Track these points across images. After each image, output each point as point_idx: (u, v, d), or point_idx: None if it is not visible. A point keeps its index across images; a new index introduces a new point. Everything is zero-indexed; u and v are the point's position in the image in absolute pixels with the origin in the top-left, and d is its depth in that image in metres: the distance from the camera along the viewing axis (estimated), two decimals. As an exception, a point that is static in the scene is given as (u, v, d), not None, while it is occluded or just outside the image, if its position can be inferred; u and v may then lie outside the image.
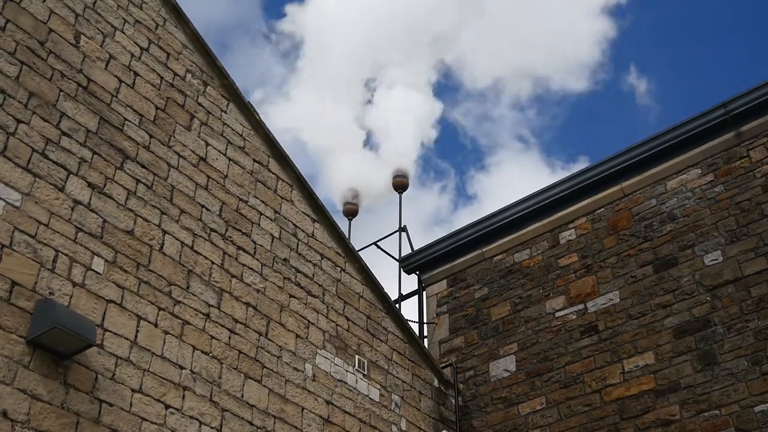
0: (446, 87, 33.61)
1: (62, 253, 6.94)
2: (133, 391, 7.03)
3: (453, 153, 36.80)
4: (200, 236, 8.42)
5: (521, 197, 12.18)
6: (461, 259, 12.54)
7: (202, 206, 8.60)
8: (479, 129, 34.60)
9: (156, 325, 7.51)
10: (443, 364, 11.64)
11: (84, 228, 7.23)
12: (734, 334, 9.35)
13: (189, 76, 9.13)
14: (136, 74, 8.46)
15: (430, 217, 33.99)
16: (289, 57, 34.52)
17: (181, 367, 7.58)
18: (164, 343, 7.52)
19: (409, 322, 11.20)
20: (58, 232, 6.99)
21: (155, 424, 7.10)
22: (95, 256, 7.21)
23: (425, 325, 12.60)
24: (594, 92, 32.58)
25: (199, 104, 9.13)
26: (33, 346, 6.37)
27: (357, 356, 9.82)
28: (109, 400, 6.79)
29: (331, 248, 10.23)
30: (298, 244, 9.69)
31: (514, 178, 33.59)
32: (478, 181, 34.84)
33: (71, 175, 7.32)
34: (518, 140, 34.99)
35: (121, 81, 8.25)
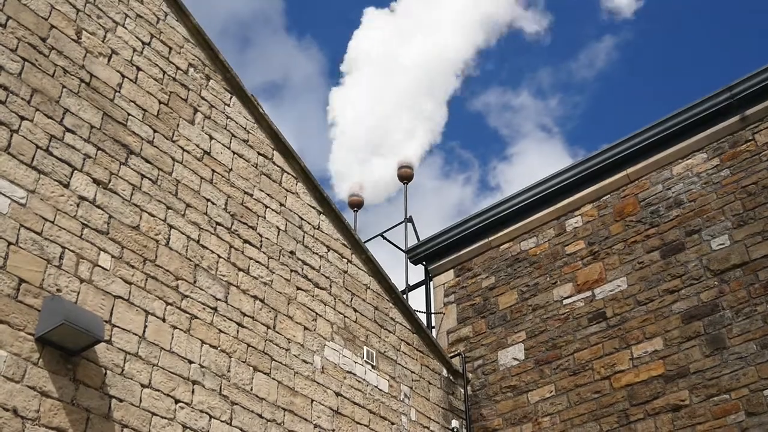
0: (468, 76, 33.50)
1: (69, 249, 6.94)
2: (142, 386, 7.03)
3: (476, 144, 36.67)
4: (206, 230, 8.41)
5: (527, 185, 12.17)
6: (468, 249, 12.53)
7: (208, 200, 8.59)
8: (501, 119, 34.46)
9: (164, 320, 7.51)
10: (452, 354, 11.64)
11: (90, 224, 7.22)
12: (743, 319, 9.33)
13: (191, 70, 9.11)
14: (138, 69, 8.44)
15: (453, 209, 33.94)
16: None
17: (190, 362, 7.58)
18: (172, 337, 7.52)
19: (417, 313, 11.20)
20: (64, 229, 6.99)
21: (165, 418, 7.11)
22: (102, 252, 7.21)
23: (433, 315, 12.60)
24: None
25: (202, 98, 9.12)
26: (42, 343, 6.37)
27: (365, 347, 9.82)
28: (119, 396, 6.80)
29: (338, 240, 10.22)
30: (304, 237, 9.68)
31: (537, 167, 33.41)
32: (501, 171, 34.65)
33: (76, 172, 7.31)
34: (541, 129, 34.84)
35: (123, 76, 8.23)
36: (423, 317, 12.25)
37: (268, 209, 9.35)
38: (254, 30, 35.97)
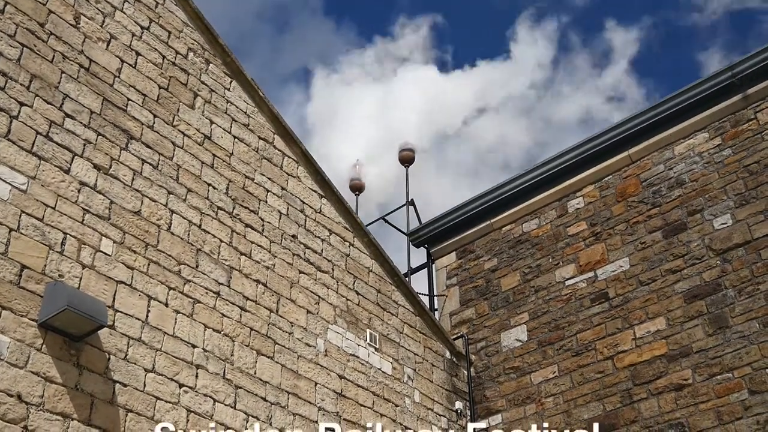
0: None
1: (70, 235, 6.94)
2: (146, 370, 7.04)
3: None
4: (208, 215, 8.41)
5: (528, 167, 12.16)
6: (470, 231, 12.52)
7: (209, 185, 8.58)
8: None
9: (167, 305, 7.51)
10: (454, 336, 11.66)
11: (91, 210, 7.22)
12: (745, 297, 9.33)
13: (191, 54, 9.08)
14: (137, 54, 8.41)
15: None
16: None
17: (194, 346, 7.59)
18: (175, 322, 7.53)
19: (419, 295, 11.21)
20: (66, 215, 6.98)
21: (170, 402, 7.13)
22: (103, 238, 7.21)
23: (435, 298, 12.60)
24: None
25: (202, 82, 9.09)
26: (45, 329, 6.38)
27: (368, 330, 9.83)
28: (123, 381, 6.81)
29: (339, 223, 10.21)
30: (306, 220, 9.68)
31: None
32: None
33: (76, 157, 7.30)
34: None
35: (122, 61, 8.20)
36: (425, 300, 12.26)
37: (269, 193, 9.34)
38: (292, 13, 35.75)
